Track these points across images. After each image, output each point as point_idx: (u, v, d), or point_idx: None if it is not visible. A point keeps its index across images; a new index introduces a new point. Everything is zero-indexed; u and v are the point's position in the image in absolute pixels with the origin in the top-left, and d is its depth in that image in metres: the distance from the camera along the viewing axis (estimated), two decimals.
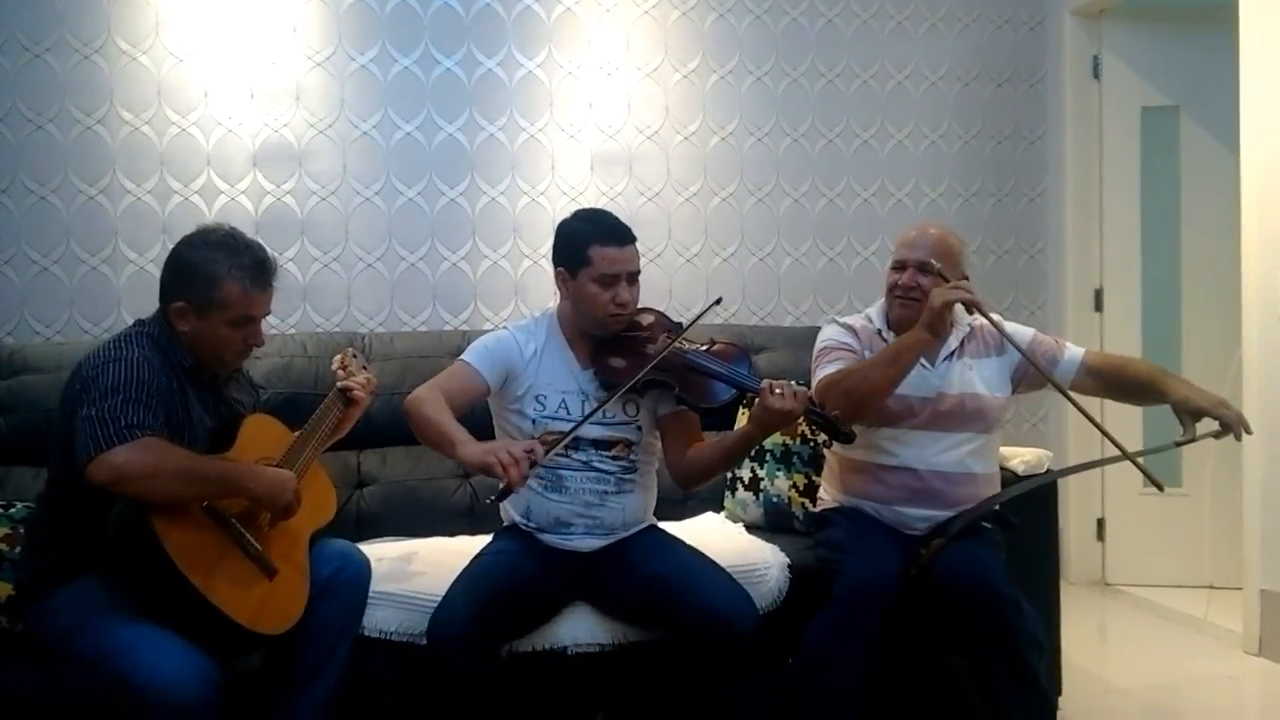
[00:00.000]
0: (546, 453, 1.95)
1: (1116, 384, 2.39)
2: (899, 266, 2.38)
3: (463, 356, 2.22)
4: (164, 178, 3.07)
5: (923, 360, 2.32)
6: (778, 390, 1.98)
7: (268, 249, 2.05)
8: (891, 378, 2.23)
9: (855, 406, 2.21)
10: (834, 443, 2.20)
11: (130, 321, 2.07)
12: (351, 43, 3.21)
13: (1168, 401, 2.27)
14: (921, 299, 2.30)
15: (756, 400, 2.02)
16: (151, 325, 1.99)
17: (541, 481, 2.19)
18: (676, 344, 2.12)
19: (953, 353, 2.37)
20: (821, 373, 2.35)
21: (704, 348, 2.18)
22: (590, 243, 2.12)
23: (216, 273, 1.94)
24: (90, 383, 1.85)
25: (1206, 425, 2.23)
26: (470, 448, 1.97)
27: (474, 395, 2.17)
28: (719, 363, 2.12)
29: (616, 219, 2.19)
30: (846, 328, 2.44)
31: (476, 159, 3.32)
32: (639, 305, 2.22)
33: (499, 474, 1.88)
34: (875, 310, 2.47)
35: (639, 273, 2.18)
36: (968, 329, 2.41)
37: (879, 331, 2.41)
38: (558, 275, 2.20)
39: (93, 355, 1.92)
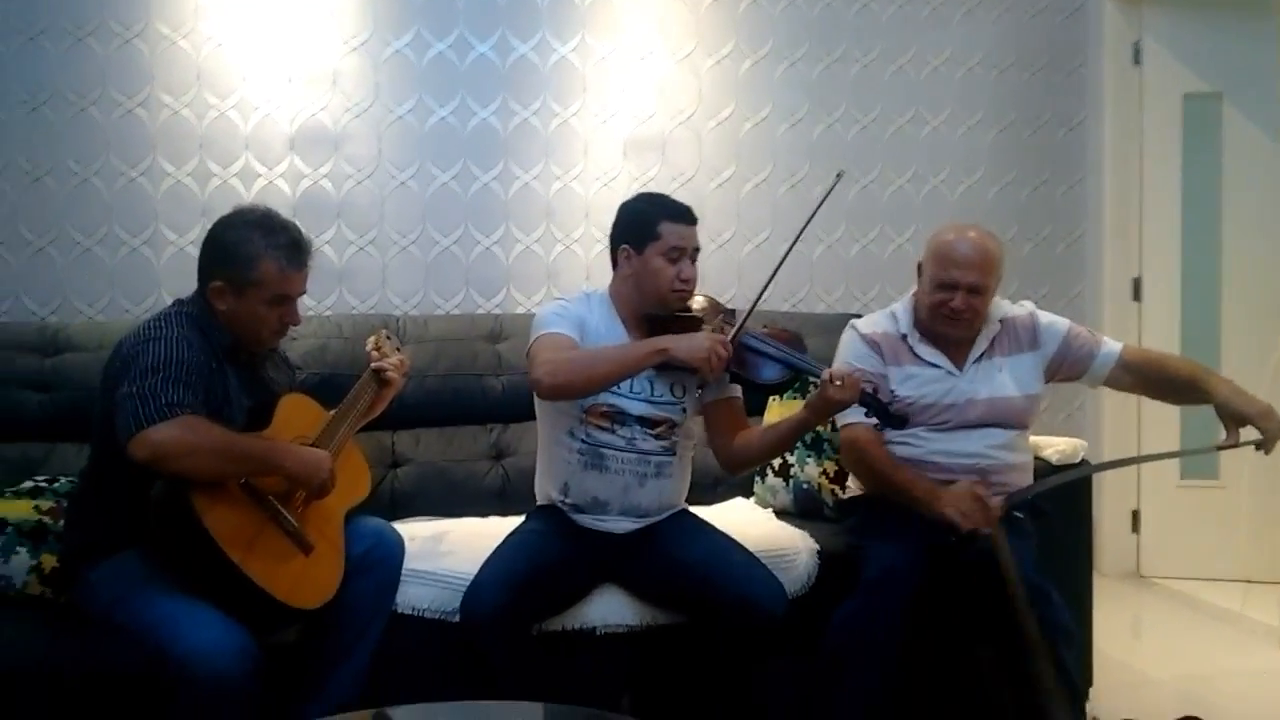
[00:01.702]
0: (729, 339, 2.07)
1: (1155, 381, 2.34)
2: (948, 286, 2.22)
3: (543, 329, 2.18)
4: (203, 160, 3.11)
5: (950, 365, 2.30)
6: (838, 381, 2.00)
7: (303, 229, 2.08)
8: (880, 492, 2.29)
9: (855, 475, 2.37)
10: (886, 427, 2.19)
11: (170, 301, 2.10)
12: (387, 27, 3.22)
13: (1211, 402, 2.22)
14: (974, 319, 2.27)
15: (817, 387, 2.03)
16: (190, 305, 2.03)
17: (582, 460, 2.20)
18: (745, 322, 2.15)
19: (982, 354, 2.32)
20: (846, 414, 2.23)
21: (762, 330, 2.22)
22: (660, 219, 2.18)
23: (253, 252, 1.97)
24: (130, 361, 1.89)
25: (1250, 432, 2.18)
26: (682, 343, 2.04)
27: None
28: (777, 345, 2.16)
29: (681, 201, 2.25)
30: (869, 342, 2.33)
31: (510, 143, 3.33)
32: None
33: (709, 372, 2.02)
34: (903, 309, 2.37)
35: (699, 251, 2.23)
36: (998, 326, 2.34)
37: (904, 337, 2.32)
38: (621, 253, 2.22)
39: (133, 334, 1.96)
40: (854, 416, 2.25)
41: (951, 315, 2.25)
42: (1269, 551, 3.29)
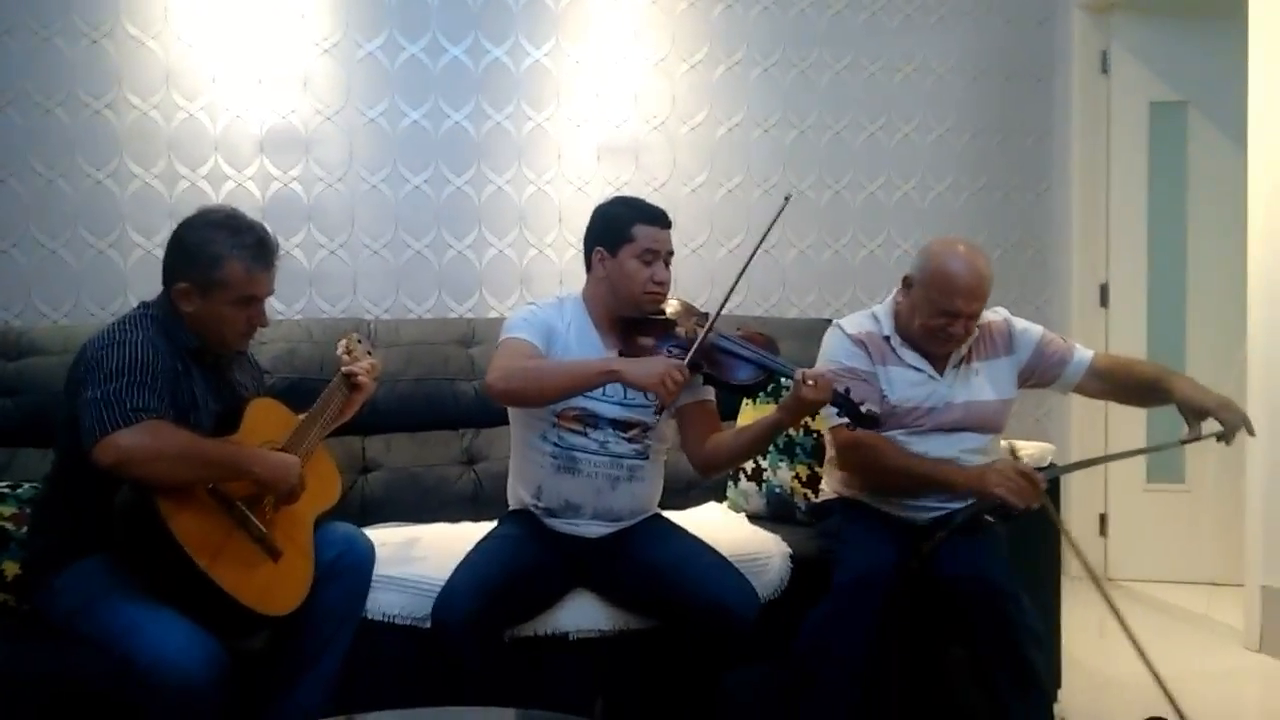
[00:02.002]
0: (694, 349, 2.06)
1: (1123, 386, 2.38)
2: (950, 314, 2.22)
3: (509, 334, 2.20)
4: (171, 162, 3.08)
5: (931, 369, 2.32)
6: (811, 381, 2.00)
7: (270, 230, 2.06)
8: (904, 488, 2.29)
9: (862, 477, 2.32)
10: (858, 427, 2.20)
11: (135, 305, 2.08)
12: (359, 30, 3.21)
13: (1172, 400, 2.27)
14: (966, 339, 2.30)
15: (790, 388, 2.03)
16: (156, 308, 2.00)
17: (554, 463, 2.20)
18: (711, 328, 2.14)
19: (961, 360, 2.35)
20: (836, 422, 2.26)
21: (735, 333, 2.22)
22: (634, 221, 2.19)
23: (219, 253, 1.95)
24: (95, 365, 1.86)
25: (1212, 425, 2.22)
26: (633, 367, 2.01)
27: None
28: (749, 347, 2.16)
29: (656, 205, 2.26)
30: (856, 341, 2.33)
31: (483, 147, 3.32)
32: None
33: (663, 396, 1.98)
34: (883, 311, 2.38)
35: (672, 255, 2.24)
36: (975, 332, 2.35)
37: (887, 339, 2.34)
38: (595, 255, 2.22)
39: (97, 338, 1.93)
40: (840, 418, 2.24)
41: (948, 339, 2.28)
42: (1233, 554, 3.33)
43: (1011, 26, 3.80)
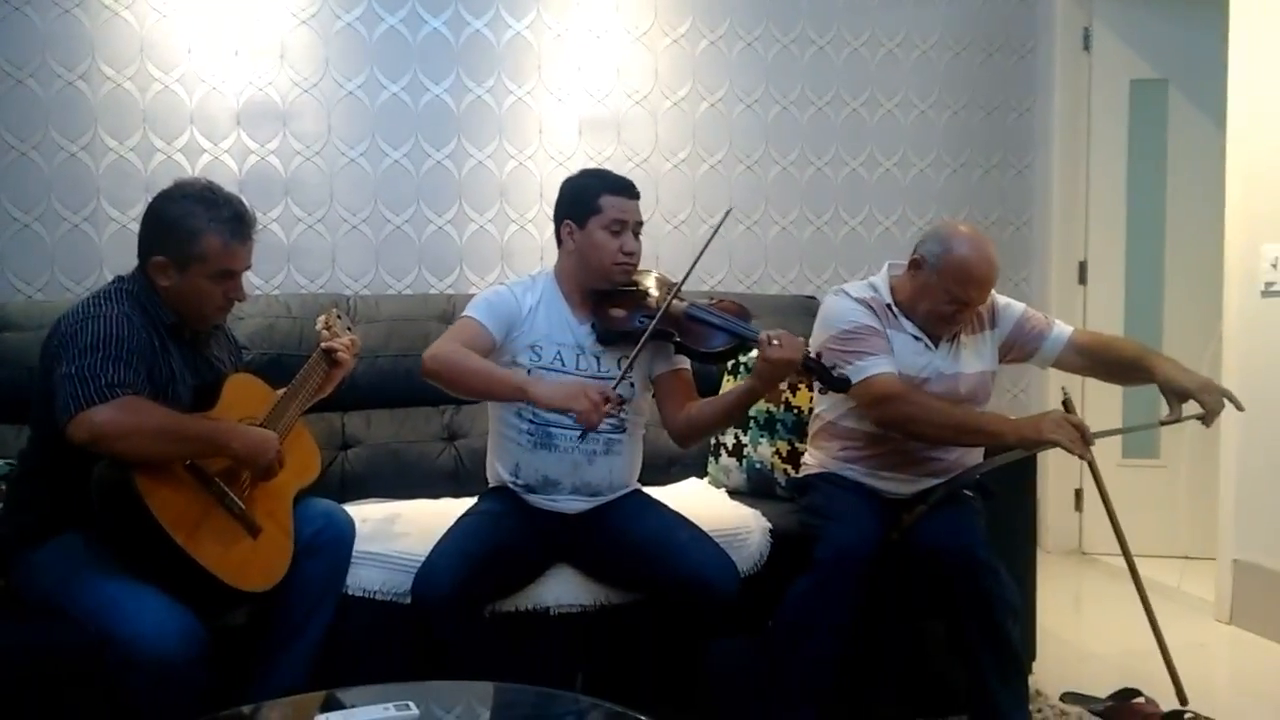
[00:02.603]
0: (615, 390, 2.03)
1: (1103, 363, 2.41)
2: (964, 303, 2.26)
3: (466, 312, 2.22)
4: (147, 135, 3.04)
5: (926, 340, 2.34)
6: (775, 341, 2.00)
7: (246, 203, 2.04)
8: (949, 442, 2.29)
9: (902, 430, 2.27)
10: (829, 391, 2.21)
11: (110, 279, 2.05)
12: (337, 0, 3.16)
13: (1154, 381, 2.29)
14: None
15: (757, 354, 2.03)
16: (131, 282, 1.98)
17: (531, 440, 2.20)
18: (674, 298, 2.14)
19: (954, 335, 2.38)
20: (869, 366, 2.24)
21: (706, 302, 2.23)
22: (601, 192, 2.19)
23: (196, 226, 1.93)
24: (69, 340, 1.84)
25: (1193, 406, 2.25)
26: (543, 388, 2.03)
27: (483, 350, 2.17)
28: (719, 315, 2.16)
29: (623, 176, 2.26)
30: (864, 305, 2.33)
31: (463, 121, 3.29)
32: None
33: (580, 414, 1.97)
34: (880, 282, 2.39)
35: (642, 226, 2.23)
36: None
37: (889, 306, 2.35)
38: (563, 229, 2.22)
39: (71, 313, 1.91)
40: (876, 368, 2.24)
41: (953, 323, 2.32)
42: (1207, 529, 3.38)
43: (994, 3, 3.80)
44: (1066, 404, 2.27)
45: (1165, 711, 2.39)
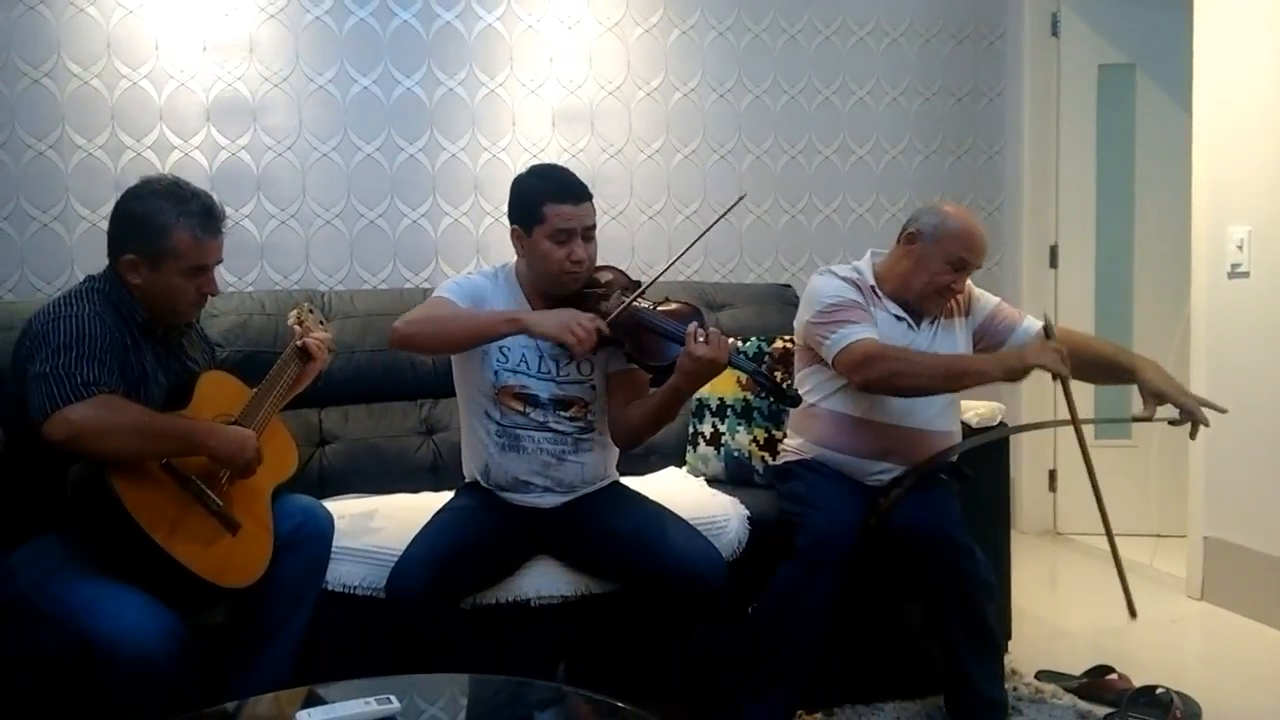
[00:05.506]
0: (607, 322, 2.00)
1: (1079, 359, 2.41)
2: (962, 267, 2.33)
3: (438, 292, 2.20)
4: (115, 132, 3.01)
5: (909, 320, 2.37)
6: (701, 337, 1.92)
7: (216, 198, 2.03)
8: (939, 390, 2.30)
9: (889, 388, 2.27)
10: (780, 405, 2.20)
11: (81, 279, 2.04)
12: None
13: (1137, 381, 2.32)
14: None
15: (683, 349, 1.94)
16: (102, 281, 1.97)
17: (499, 442, 2.19)
18: (633, 302, 2.06)
19: (936, 318, 2.41)
20: (850, 333, 2.26)
21: (659, 306, 2.12)
22: (544, 200, 2.08)
23: (165, 222, 1.92)
24: (41, 340, 1.83)
25: (1167, 410, 2.29)
26: (535, 316, 2.00)
27: None
28: (668, 321, 2.06)
29: (571, 174, 2.16)
30: (849, 282, 2.37)
31: (436, 114, 3.28)
32: (598, 263, 2.19)
33: (573, 345, 1.94)
34: (864, 265, 2.43)
35: (594, 228, 2.14)
36: None
37: (872, 286, 2.38)
38: (513, 233, 2.16)
39: (42, 312, 1.90)
40: (857, 334, 2.25)
41: (948, 294, 2.36)
42: (1177, 507, 3.43)
43: None
44: (1048, 329, 2.31)
45: (1138, 687, 2.43)
